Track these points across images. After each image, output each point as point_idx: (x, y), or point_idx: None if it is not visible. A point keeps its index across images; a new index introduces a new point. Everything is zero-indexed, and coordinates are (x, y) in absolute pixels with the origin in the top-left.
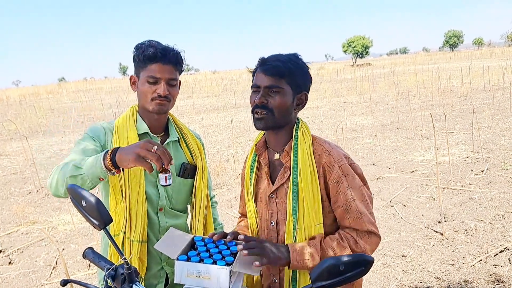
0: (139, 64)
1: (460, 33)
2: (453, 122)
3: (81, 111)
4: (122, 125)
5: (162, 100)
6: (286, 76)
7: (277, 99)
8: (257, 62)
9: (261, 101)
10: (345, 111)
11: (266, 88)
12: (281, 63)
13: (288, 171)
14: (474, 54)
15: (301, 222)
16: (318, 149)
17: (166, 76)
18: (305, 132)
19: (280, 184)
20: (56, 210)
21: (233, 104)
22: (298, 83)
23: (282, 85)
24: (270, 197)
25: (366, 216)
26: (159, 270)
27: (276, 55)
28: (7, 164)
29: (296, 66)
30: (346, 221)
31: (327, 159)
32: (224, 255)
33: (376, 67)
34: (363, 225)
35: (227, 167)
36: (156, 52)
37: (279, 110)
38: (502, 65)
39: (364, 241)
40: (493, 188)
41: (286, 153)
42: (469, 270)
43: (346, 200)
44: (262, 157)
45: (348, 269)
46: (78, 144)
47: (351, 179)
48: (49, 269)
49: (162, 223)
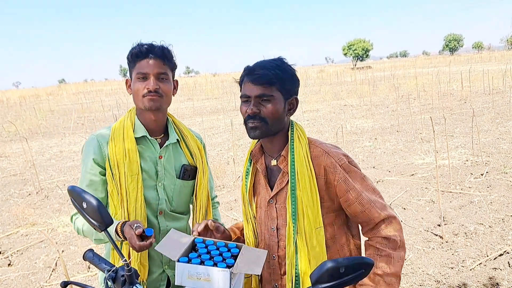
0: (130, 65)
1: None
2: (453, 126)
3: (81, 113)
4: (119, 131)
5: (153, 95)
6: (275, 83)
7: (269, 107)
8: (243, 72)
9: (253, 112)
10: (345, 114)
11: (256, 98)
12: (268, 71)
13: (286, 176)
14: (474, 58)
15: (301, 226)
16: (315, 151)
17: (154, 70)
18: (301, 136)
19: (279, 190)
20: (56, 212)
21: (233, 106)
22: (287, 88)
23: (272, 92)
24: (270, 203)
25: (378, 203)
26: (161, 273)
27: (261, 62)
28: (6, 166)
29: (283, 71)
30: (362, 215)
31: (328, 160)
32: (225, 257)
33: (376, 70)
34: (379, 213)
35: (227, 169)
36: (142, 49)
37: (272, 118)
38: (501, 69)
39: (391, 231)
40: (493, 192)
41: (283, 158)
42: (469, 273)
43: (357, 194)
44: (259, 164)
45: (348, 272)
46: (85, 172)
47: (354, 174)
48: (49, 271)
49: (162, 227)
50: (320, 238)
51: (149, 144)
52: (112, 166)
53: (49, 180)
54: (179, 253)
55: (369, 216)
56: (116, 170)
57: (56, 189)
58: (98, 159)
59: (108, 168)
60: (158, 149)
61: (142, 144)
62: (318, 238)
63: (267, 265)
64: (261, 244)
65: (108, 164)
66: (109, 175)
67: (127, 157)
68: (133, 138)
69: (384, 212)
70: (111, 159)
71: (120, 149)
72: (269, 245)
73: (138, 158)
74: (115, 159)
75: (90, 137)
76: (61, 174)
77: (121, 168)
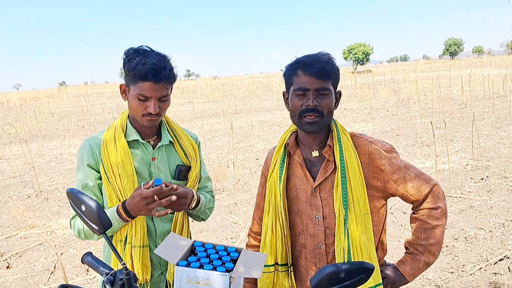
0: (128, 77)
1: (460, 41)
2: (453, 130)
3: (81, 115)
4: (110, 136)
5: (153, 117)
6: (332, 77)
7: (327, 100)
8: (296, 64)
9: (314, 105)
10: (346, 117)
11: (315, 91)
12: (327, 65)
13: (330, 165)
14: (474, 62)
15: (352, 213)
16: (358, 141)
17: (157, 94)
18: (343, 129)
19: (324, 179)
20: (55, 214)
21: (233, 109)
22: (337, 82)
23: (329, 86)
24: (313, 192)
25: (423, 176)
26: (159, 275)
27: (316, 57)
28: (6, 168)
29: (335, 66)
30: (412, 190)
31: (372, 147)
32: (224, 261)
33: (377, 74)
34: (426, 185)
35: (227, 172)
36: (147, 73)
37: (328, 111)
38: (502, 73)
39: (436, 202)
40: (493, 196)
41: (328, 147)
42: (469, 278)
43: (404, 173)
44: (296, 155)
45: (348, 277)
46: (80, 177)
47: (397, 157)
48: (47, 273)
49: (158, 228)
50: (368, 225)
51: (142, 147)
52: (107, 170)
53: (48, 183)
54: (178, 257)
55: (418, 189)
56: (111, 173)
57: (55, 191)
58: (92, 163)
59: (103, 172)
60: (151, 151)
61: (134, 147)
62: (367, 224)
63: (311, 255)
64: (304, 235)
65: (103, 168)
66: (105, 179)
67: (120, 160)
68: (125, 142)
69: (430, 182)
70: (104, 163)
71: (112, 153)
72: (313, 235)
73: (131, 160)
74: (109, 162)
75: (83, 142)
76: (61, 176)
77: (115, 171)
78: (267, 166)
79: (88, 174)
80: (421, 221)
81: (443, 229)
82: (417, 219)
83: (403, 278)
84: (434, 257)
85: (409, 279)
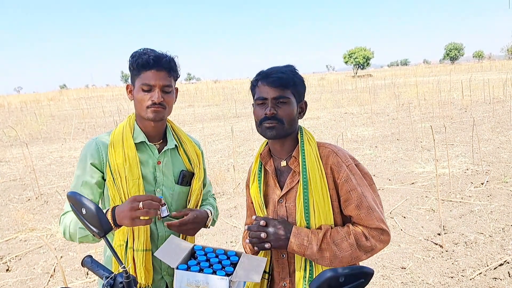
0: (133, 72)
1: (461, 46)
2: (453, 134)
3: (82, 118)
4: (118, 136)
5: (157, 107)
6: (290, 86)
7: (285, 108)
8: (257, 76)
9: (271, 113)
10: (346, 122)
11: (273, 100)
12: (284, 74)
13: (296, 176)
14: (474, 67)
15: (312, 224)
16: (324, 151)
17: (160, 83)
18: (310, 138)
19: (289, 189)
20: (55, 217)
21: (233, 113)
22: (299, 92)
23: (288, 95)
24: (279, 202)
25: (376, 213)
26: (159, 279)
27: (276, 68)
28: (6, 171)
29: (296, 76)
30: (358, 217)
31: (334, 159)
32: (224, 265)
33: (377, 78)
34: (374, 221)
35: (227, 176)
36: (149, 59)
37: (288, 119)
38: (502, 78)
39: (374, 239)
40: (493, 201)
41: (294, 158)
42: (469, 283)
43: (357, 196)
44: (268, 165)
45: (348, 281)
46: (79, 174)
47: (359, 178)
48: (47, 277)
49: (161, 232)
50: None
51: (148, 150)
52: (113, 171)
53: (48, 186)
54: (178, 260)
55: (364, 222)
56: (117, 175)
57: (55, 194)
58: (96, 162)
59: (109, 173)
60: (157, 155)
61: (141, 149)
62: None
63: (276, 264)
64: None
65: (109, 169)
66: (110, 180)
67: (127, 162)
68: (133, 144)
69: (380, 223)
70: (111, 164)
71: (120, 154)
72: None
73: (138, 163)
74: (116, 164)
75: (89, 141)
76: (61, 179)
77: (122, 173)
78: (249, 177)
79: (89, 172)
80: (351, 230)
81: (356, 254)
82: (348, 227)
83: (284, 245)
84: (324, 262)
85: (288, 249)
